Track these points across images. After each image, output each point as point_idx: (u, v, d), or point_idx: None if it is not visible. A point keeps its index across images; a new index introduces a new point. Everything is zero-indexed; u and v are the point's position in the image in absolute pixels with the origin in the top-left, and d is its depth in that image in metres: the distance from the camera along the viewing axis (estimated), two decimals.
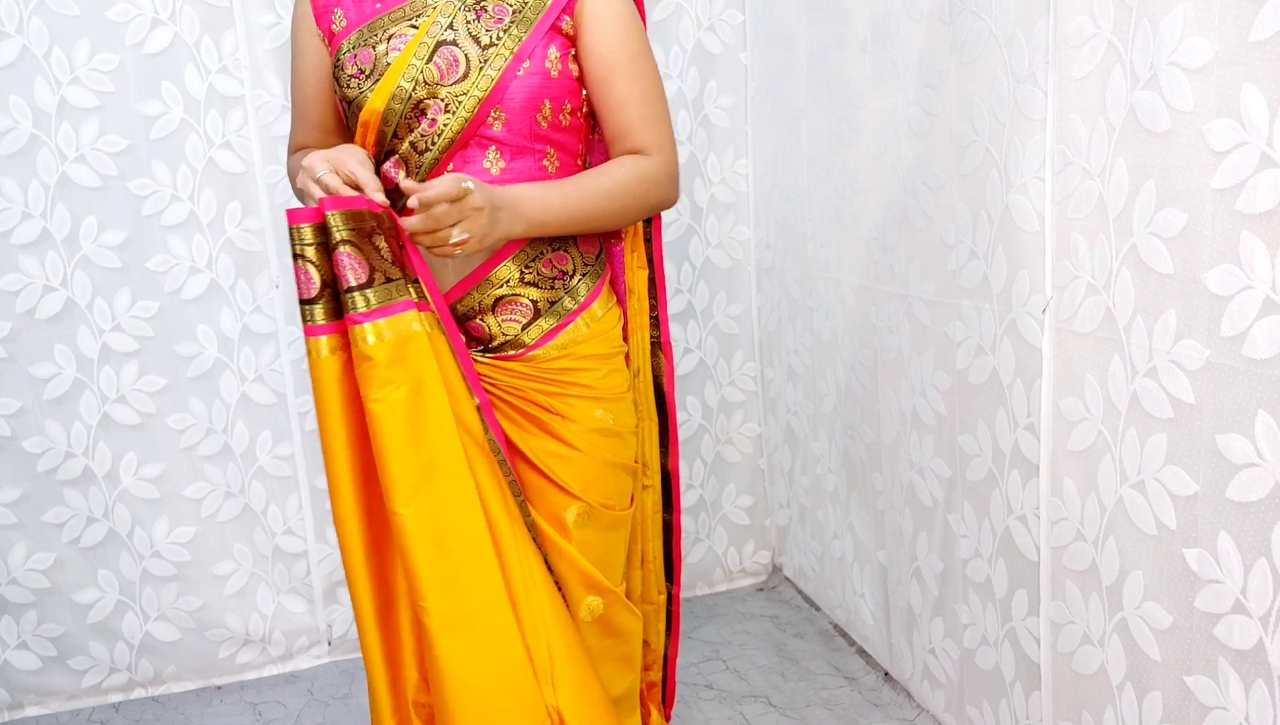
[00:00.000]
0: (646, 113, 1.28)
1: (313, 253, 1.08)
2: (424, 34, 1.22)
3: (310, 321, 1.10)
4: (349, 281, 1.07)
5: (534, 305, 1.27)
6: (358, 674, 2.29)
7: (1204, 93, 1.11)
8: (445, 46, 1.22)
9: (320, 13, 1.31)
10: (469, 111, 1.22)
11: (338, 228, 1.06)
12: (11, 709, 2.20)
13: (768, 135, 2.36)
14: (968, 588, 1.73)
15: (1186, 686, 1.23)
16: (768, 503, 2.64)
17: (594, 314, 1.31)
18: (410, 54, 1.21)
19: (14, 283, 2.04)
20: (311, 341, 1.10)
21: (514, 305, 1.26)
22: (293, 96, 1.39)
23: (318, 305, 1.09)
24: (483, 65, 1.21)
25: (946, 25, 1.59)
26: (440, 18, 1.22)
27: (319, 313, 1.10)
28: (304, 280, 1.09)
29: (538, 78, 1.23)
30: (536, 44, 1.23)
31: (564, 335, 1.28)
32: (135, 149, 2.05)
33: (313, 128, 1.38)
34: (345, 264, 1.07)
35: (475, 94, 1.21)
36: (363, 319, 1.07)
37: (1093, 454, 1.37)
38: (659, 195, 1.31)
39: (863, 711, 2.00)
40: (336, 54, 1.28)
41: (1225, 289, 1.11)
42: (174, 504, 2.19)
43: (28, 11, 1.96)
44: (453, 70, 1.21)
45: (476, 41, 1.22)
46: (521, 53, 1.22)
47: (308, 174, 1.12)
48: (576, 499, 1.27)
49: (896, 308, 1.86)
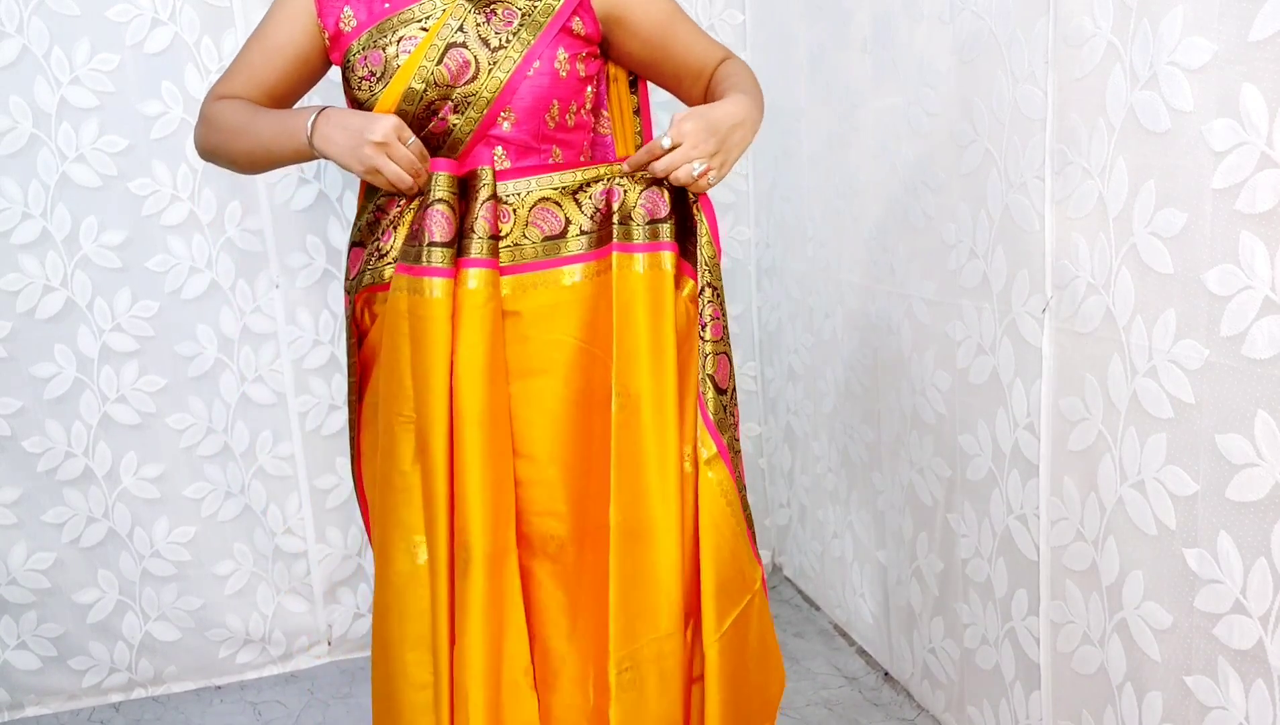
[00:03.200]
0: (705, 39, 1.39)
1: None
2: (434, 36, 1.23)
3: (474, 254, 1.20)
4: (549, 230, 1.25)
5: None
6: (358, 674, 2.29)
7: (1204, 93, 1.11)
8: (455, 49, 1.23)
9: (325, 8, 1.31)
10: (479, 112, 1.24)
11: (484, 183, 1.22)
12: (11, 709, 2.20)
13: (768, 135, 2.36)
14: (968, 587, 1.73)
15: (1186, 686, 1.23)
16: (768, 502, 2.64)
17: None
18: (421, 55, 1.23)
19: (14, 283, 2.04)
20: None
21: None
22: (249, 53, 1.35)
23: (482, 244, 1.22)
24: (492, 67, 1.24)
25: (946, 25, 1.59)
26: (450, 20, 1.24)
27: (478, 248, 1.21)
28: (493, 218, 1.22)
29: (547, 79, 1.26)
30: (545, 46, 1.25)
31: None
32: (135, 149, 2.05)
33: (256, 88, 1.35)
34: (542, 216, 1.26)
35: (485, 95, 1.24)
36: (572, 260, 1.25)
37: (1092, 454, 1.37)
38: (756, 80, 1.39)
39: (863, 711, 2.00)
40: (346, 54, 1.28)
41: (1225, 289, 1.11)
42: (174, 504, 2.19)
43: (28, 11, 1.96)
44: (463, 72, 1.23)
45: (486, 44, 1.24)
46: (530, 55, 1.25)
47: (386, 149, 1.16)
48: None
49: (896, 307, 1.86)
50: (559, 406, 1.26)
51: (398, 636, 1.28)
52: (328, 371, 2.23)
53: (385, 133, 1.16)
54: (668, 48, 1.36)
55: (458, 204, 1.21)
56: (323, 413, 2.25)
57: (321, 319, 2.21)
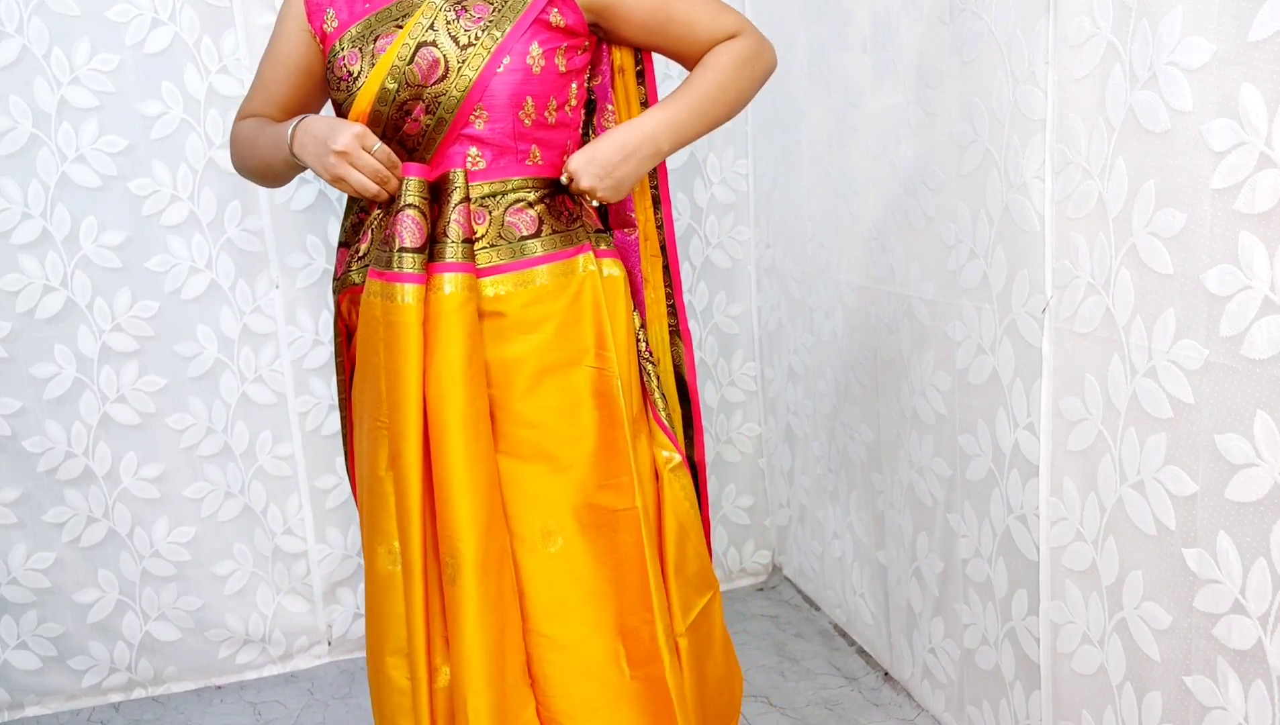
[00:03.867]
0: (709, 13, 1.32)
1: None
2: (406, 34, 1.22)
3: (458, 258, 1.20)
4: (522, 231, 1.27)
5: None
6: (358, 674, 2.29)
7: (1203, 93, 1.11)
8: (425, 47, 1.21)
9: (313, 11, 1.31)
10: (449, 111, 1.22)
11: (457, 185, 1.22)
12: (11, 709, 2.20)
13: (768, 135, 2.36)
14: (968, 587, 1.73)
15: (1186, 686, 1.23)
16: (768, 502, 2.64)
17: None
18: (393, 55, 1.21)
19: (14, 283, 2.04)
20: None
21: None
22: (262, 72, 1.39)
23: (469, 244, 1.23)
24: (461, 65, 1.21)
25: (946, 25, 1.59)
26: (422, 18, 1.22)
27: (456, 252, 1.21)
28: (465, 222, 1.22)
29: (519, 75, 1.23)
30: (516, 41, 1.22)
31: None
32: (135, 149, 2.05)
33: (275, 107, 1.38)
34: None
35: (454, 94, 1.21)
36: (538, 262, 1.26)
37: (1092, 454, 1.37)
38: (762, 65, 1.36)
39: (863, 711, 2.00)
40: (329, 55, 1.28)
41: (1224, 289, 1.11)
42: (174, 504, 2.19)
43: (28, 11, 1.96)
44: (433, 71, 1.21)
45: (455, 41, 1.22)
46: (500, 51, 1.22)
47: (349, 158, 1.16)
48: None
49: (896, 308, 1.86)
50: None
51: (379, 639, 1.30)
52: (327, 371, 2.24)
53: (346, 141, 1.16)
54: (666, 31, 1.32)
55: (429, 208, 1.21)
56: (323, 413, 2.25)
57: (321, 319, 2.22)
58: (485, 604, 1.20)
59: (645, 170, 1.30)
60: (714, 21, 1.32)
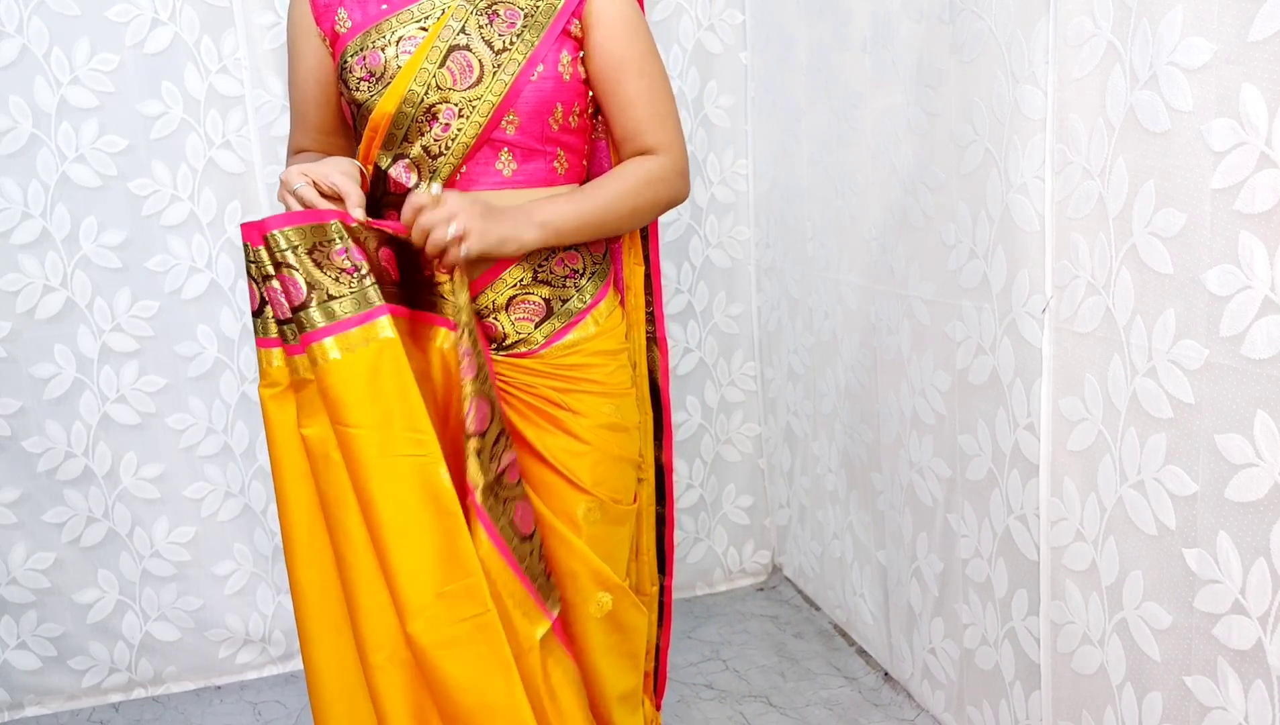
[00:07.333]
0: (654, 111, 1.29)
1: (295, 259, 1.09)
2: (435, 37, 1.21)
3: (311, 326, 1.10)
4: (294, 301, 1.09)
5: (546, 303, 1.29)
6: None
7: (1203, 93, 1.11)
8: (458, 51, 1.21)
9: (321, 13, 1.30)
10: (484, 116, 1.22)
11: (278, 249, 1.08)
12: (11, 709, 2.20)
13: (768, 135, 2.37)
14: (968, 588, 1.73)
15: (1186, 686, 1.23)
16: (767, 503, 2.64)
17: (601, 312, 1.33)
18: (422, 57, 1.21)
19: (14, 283, 2.04)
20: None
21: (527, 303, 1.28)
22: (291, 98, 1.38)
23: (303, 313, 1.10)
24: (496, 70, 1.21)
25: (946, 25, 1.59)
26: (452, 21, 1.22)
27: (319, 315, 1.10)
28: (291, 290, 1.09)
29: (551, 82, 1.24)
30: (549, 48, 1.23)
31: (574, 333, 1.30)
32: (135, 149, 2.05)
33: (312, 130, 1.38)
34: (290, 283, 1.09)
35: (490, 99, 1.21)
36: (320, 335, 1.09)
37: (1092, 454, 1.37)
38: (670, 192, 1.33)
39: (863, 711, 2.00)
40: (342, 56, 1.27)
41: (1224, 289, 1.11)
42: (174, 504, 2.19)
43: (28, 11, 1.96)
44: (466, 75, 1.21)
45: (490, 46, 1.22)
46: (534, 57, 1.22)
47: (284, 187, 1.13)
48: (587, 494, 1.29)
49: (896, 308, 1.86)
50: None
51: None
52: None
53: (286, 175, 1.13)
54: (612, 94, 1.28)
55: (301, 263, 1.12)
56: None
57: None
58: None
59: (511, 233, 1.18)
60: (650, 120, 1.29)
